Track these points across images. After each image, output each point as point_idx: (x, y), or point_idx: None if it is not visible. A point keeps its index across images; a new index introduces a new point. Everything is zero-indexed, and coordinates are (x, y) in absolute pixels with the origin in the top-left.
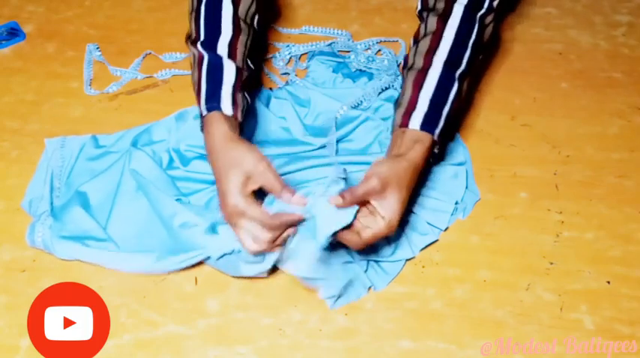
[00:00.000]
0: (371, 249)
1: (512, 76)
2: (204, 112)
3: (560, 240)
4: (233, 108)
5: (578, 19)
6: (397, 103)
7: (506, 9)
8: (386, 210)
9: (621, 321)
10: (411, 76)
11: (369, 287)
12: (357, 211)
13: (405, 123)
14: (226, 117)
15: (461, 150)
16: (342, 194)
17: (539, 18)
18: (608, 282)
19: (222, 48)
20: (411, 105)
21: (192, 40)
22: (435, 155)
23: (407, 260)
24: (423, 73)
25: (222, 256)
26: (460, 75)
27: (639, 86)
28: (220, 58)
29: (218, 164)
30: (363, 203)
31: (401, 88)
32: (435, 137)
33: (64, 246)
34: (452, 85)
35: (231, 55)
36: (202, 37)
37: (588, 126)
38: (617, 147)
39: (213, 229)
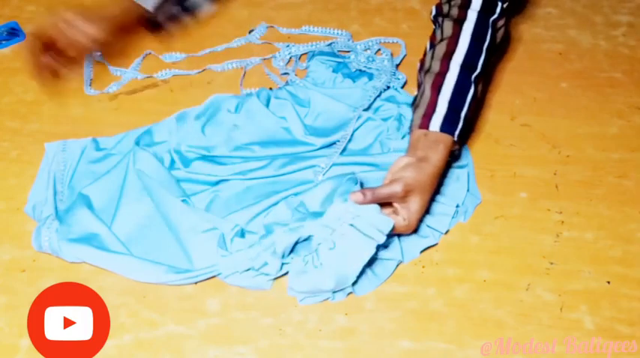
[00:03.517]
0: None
1: (512, 76)
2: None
3: (560, 240)
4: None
5: (578, 19)
6: (415, 105)
7: (515, 11)
8: (407, 213)
9: (621, 321)
10: (429, 79)
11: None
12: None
13: (425, 125)
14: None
15: (463, 153)
16: (363, 191)
17: (539, 18)
18: (608, 282)
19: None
20: (430, 107)
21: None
22: (455, 156)
23: (400, 262)
24: (441, 76)
25: (232, 274)
26: (476, 77)
27: (639, 86)
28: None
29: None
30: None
31: (418, 89)
32: (455, 138)
33: (72, 248)
34: (469, 88)
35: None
36: None
37: (588, 126)
38: (617, 147)
39: (224, 240)
